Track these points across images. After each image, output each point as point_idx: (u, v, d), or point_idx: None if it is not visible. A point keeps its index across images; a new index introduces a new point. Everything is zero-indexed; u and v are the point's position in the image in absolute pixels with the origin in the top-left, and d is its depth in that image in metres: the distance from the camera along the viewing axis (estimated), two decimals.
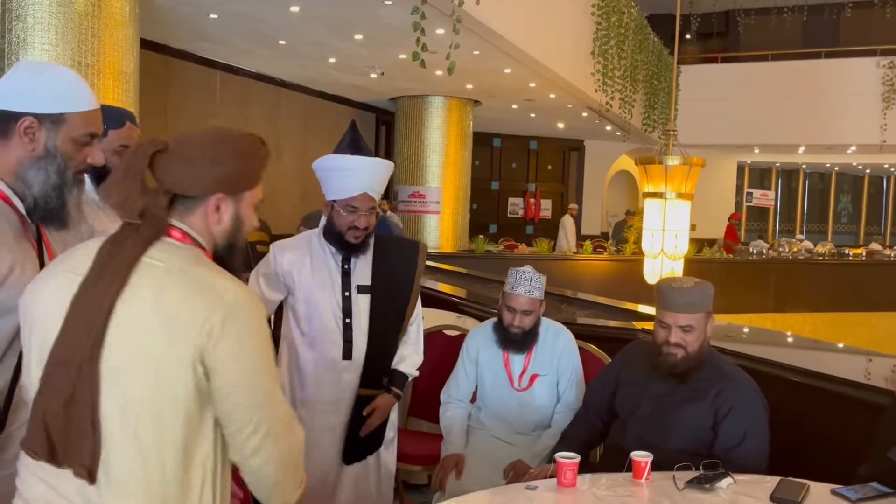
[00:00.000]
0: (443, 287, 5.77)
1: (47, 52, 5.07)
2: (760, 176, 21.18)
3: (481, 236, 11.93)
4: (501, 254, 11.79)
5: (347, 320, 2.61)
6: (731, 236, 15.30)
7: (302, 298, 2.63)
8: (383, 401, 2.63)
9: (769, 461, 2.33)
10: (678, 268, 5.87)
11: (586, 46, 10.31)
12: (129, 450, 1.30)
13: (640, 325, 3.99)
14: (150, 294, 1.30)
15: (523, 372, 2.94)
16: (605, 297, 5.52)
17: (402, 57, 8.43)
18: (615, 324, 4.16)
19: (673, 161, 5.80)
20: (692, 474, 2.08)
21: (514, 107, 12.32)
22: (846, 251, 14.89)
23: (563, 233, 13.58)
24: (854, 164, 19.99)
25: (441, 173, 11.61)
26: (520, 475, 2.56)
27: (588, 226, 16.44)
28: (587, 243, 12.60)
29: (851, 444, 2.49)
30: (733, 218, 15.91)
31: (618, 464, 2.20)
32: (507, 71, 9.39)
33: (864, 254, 14.75)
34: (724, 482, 2.06)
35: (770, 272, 13.25)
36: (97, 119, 1.67)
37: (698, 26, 15.62)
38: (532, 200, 16.40)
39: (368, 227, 2.57)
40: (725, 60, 16.54)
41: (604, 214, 17.53)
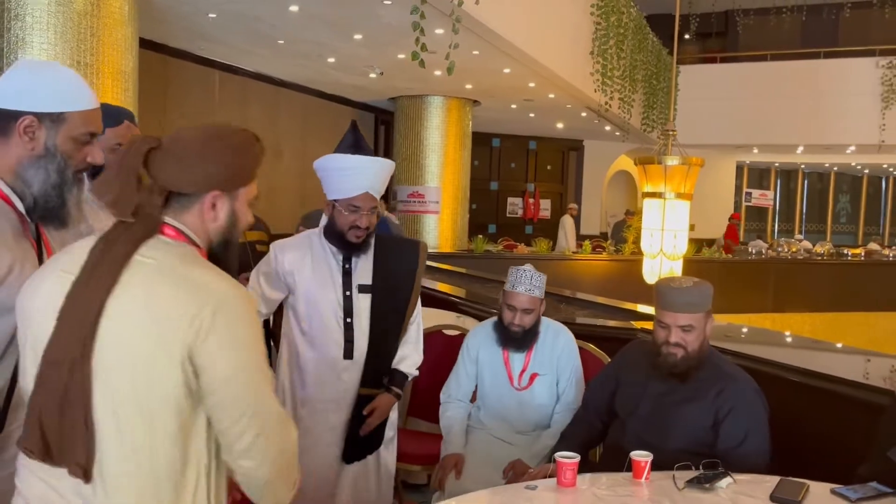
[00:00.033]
0: (442, 287, 5.77)
1: (46, 52, 5.07)
2: (759, 176, 21.17)
3: (480, 236, 11.92)
4: (500, 254, 11.78)
5: (348, 320, 2.61)
6: (731, 236, 15.31)
7: (303, 298, 2.63)
8: (383, 400, 2.63)
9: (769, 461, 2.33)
10: (677, 268, 5.86)
11: (585, 46, 10.30)
12: (123, 448, 1.29)
13: (639, 324, 3.99)
14: (141, 292, 1.30)
15: (523, 371, 2.94)
16: (605, 296, 5.52)
17: (402, 57, 8.42)
18: (614, 323, 4.16)
19: (672, 161, 5.80)
20: (692, 474, 2.08)
21: (514, 107, 12.31)
22: (845, 251, 14.89)
23: (563, 233, 13.57)
24: (853, 164, 19.99)
25: (440, 173, 11.59)
26: (519, 475, 2.56)
27: (587, 226, 16.43)
28: (586, 243, 12.59)
29: (851, 444, 2.49)
30: (734, 218, 15.92)
31: (617, 463, 2.20)
32: (507, 71, 9.38)
33: (862, 254, 14.75)
34: (724, 482, 2.06)
35: (769, 272, 13.26)
36: (97, 118, 1.66)
37: (697, 26, 15.59)
38: (531, 200, 16.38)
39: (370, 226, 2.58)
40: (724, 60, 16.54)
41: (603, 214, 17.53)
